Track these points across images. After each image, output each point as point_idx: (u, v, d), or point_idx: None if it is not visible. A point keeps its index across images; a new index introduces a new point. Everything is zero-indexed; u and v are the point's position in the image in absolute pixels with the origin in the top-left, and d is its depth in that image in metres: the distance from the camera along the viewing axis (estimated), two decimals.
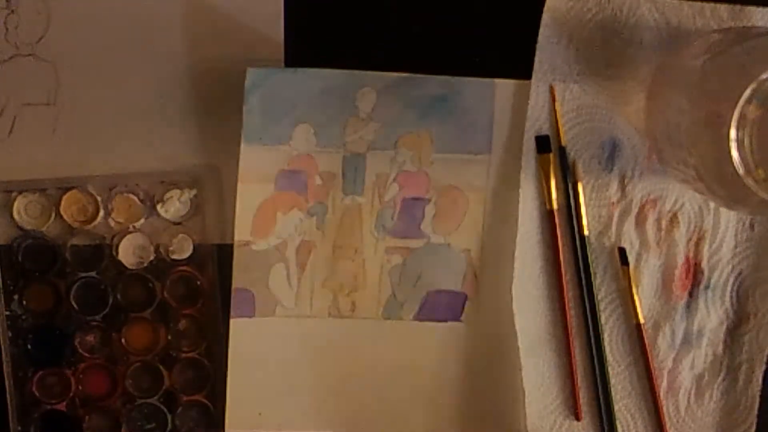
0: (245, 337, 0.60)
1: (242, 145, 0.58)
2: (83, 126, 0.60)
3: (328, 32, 0.60)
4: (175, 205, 0.61)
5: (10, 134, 0.60)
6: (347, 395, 0.61)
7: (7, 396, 0.61)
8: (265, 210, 0.59)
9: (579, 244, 0.60)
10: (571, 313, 0.60)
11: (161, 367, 0.61)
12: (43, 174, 0.60)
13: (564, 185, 0.60)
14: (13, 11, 0.59)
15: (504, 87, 0.60)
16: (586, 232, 0.60)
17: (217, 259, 0.61)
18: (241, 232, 0.59)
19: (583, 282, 0.60)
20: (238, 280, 0.59)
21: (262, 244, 0.60)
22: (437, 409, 0.61)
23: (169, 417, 0.61)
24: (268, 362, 0.60)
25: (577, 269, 0.60)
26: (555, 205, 0.60)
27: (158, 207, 0.60)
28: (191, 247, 0.61)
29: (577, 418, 0.61)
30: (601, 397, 0.61)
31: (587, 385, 0.61)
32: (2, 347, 0.61)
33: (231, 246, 0.60)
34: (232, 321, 0.59)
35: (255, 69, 0.57)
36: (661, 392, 0.61)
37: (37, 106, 0.60)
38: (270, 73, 0.58)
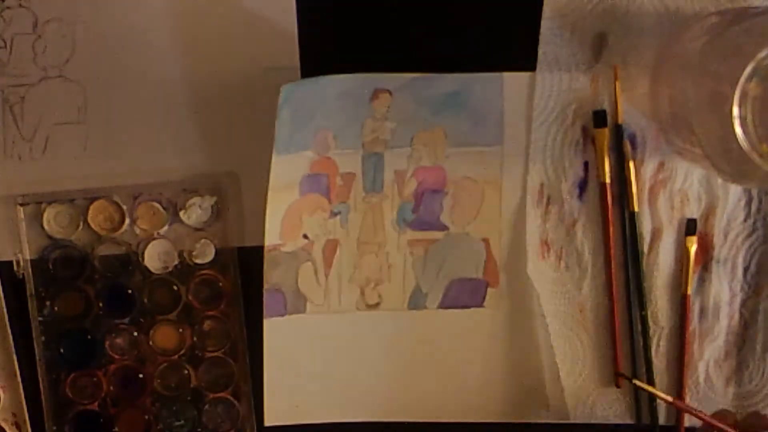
0: (279, 335, 0.61)
1: (273, 157, 0.58)
2: (111, 141, 0.62)
3: (341, 38, 0.61)
4: (196, 212, 0.62)
5: (44, 153, 0.62)
6: (378, 384, 0.62)
7: (42, 398, 0.63)
8: (291, 214, 0.60)
9: (628, 219, 0.61)
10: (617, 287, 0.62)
11: (188, 366, 0.63)
12: (72, 186, 0.62)
13: (617, 161, 0.61)
14: (39, 36, 0.61)
15: (512, 80, 0.61)
16: (636, 209, 0.61)
17: (238, 261, 0.62)
18: (270, 237, 0.60)
19: (629, 256, 0.62)
20: (268, 282, 0.60)
21: (290, 246, 0.61)
22: (465, 393, 0.62)
23: (197, 414, 0.63)
24: (301, 357, 0.62)
25: (624, 243, 0.62)
26: (608, 179, 0.61)
27: (181, 214, 0.62)
28: (213, 252, 0.62)
29: (617, 385, 0.62)
30: (641, 367, 0.62)
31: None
32: (36, 351, 0.62)
33: (251, 249, 0.61)
34: (265, 321, 0.60)
35: (287, 85, 0.58)
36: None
37: (68, 125, 0.62)
38: (298, 86, 0.59)
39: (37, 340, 0.62)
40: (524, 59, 0.61)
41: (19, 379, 0.63)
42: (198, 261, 0.62)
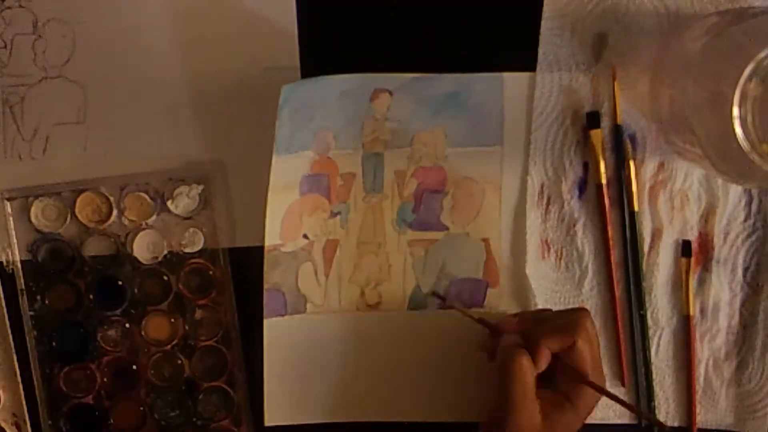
0: (279, 335, 0.61)
1: (273, 158, 0.58)
2: (111, 141, 0.62)
3: (341, 38, 0.61)
4: (184, 201, 0.62)
5: (44, 153, 0.62)
6: (378, 384, 0.63)
7: (36, 392, 0.63)
8: (291, 214, 0.61)
9: (628, 219, 0.62)
10: (617, 287, 0.62)
11: (181, 356, 0.63)
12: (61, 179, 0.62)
13: (617, 161, 0.61)
14: (39, 36, 0.61)
15: (512, 80, 0.61)
16: (636, 209, 0.61)
17: (228, 249, 0.62)
18: (270, 237, 0.60)
19: (629, 256, 0.62)
20: (268, 282, 0.61)
21: (290, 246, 0.61)
22: (465, 393, 0.62)
23: (192, 404, 0.63)
24: (301, 357, 0.62)
25: (624, 243, 0.62)
26: (603, 180, 0.61)
27: (168, 203, 0.62)
28: (202, 240, 0.62)
29: (623, 384, 0.63)
30: (641, 366, 0.62)
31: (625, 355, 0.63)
32: (29, 346, 0.62)
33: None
34: (265, 321, 0.61)
35: (287, 85, 0.57)
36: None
37: (68, 125, 0.62)
38: (298, 86, 0.59)
39: (29, 334, 0.63)
40: (524, 59, 0.61)
41: (19, 379, 0.63)
42: (187, 250, 0.63)
